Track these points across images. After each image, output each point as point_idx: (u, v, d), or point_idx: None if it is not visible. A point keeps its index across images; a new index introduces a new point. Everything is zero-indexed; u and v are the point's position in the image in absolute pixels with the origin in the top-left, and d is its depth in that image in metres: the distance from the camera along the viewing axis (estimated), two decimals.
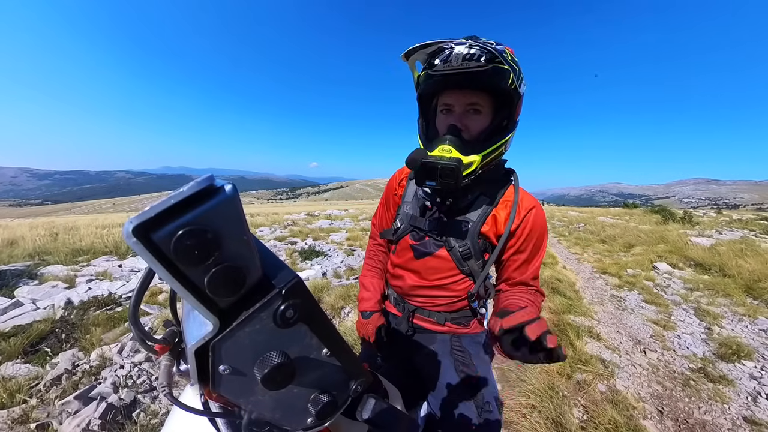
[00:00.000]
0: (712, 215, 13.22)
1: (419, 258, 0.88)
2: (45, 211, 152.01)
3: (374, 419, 0.39)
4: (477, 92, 0.73)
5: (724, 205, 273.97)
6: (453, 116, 0.76)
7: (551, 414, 1.67)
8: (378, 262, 1.05)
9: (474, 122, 0.75)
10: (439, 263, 0.85)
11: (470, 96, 0.74)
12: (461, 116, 0.75)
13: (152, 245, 0.20)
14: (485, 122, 0.76)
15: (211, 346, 0.27)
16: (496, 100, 0.75)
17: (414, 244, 0.88)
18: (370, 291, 0.97)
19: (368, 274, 1.04)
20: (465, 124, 0.75)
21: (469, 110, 0.75)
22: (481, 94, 0.74)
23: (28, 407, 1.56)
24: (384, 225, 1.03)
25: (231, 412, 0.37)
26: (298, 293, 0.29)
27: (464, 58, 0.66)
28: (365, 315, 0.93)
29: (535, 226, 0.80)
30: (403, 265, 0.92)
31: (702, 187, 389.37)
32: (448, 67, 0.68)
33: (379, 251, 1.07)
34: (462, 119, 0.75)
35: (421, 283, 0.89)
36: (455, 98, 0.75)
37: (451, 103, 0.76)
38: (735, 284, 3.75)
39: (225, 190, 0.23)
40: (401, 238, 0.91)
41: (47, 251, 4.80)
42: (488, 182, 0.82)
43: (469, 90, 0.73)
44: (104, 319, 2.53)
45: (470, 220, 0.81)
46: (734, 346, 2.41)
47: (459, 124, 0.75)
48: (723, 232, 7.27)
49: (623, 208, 18.97)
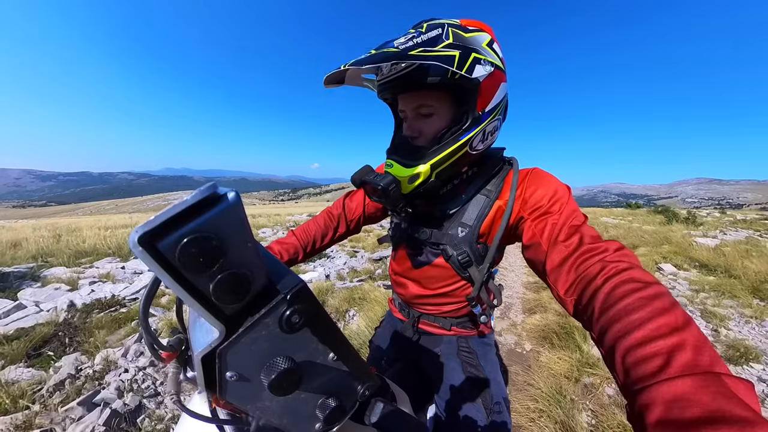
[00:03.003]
0: (716, 215, 13.15)
1: (417, 267, 0.84)
2: (48, 212, 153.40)
3: (382, 423, 0.39)
4: (422, 92, 0.66)
5: (728, 205, 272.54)
6: (406, 123, 0.71)
7: (560, 418, 1.66)
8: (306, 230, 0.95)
9: (426, 126, 0.68)
10: (439, 272, 0.81)
11: (416, 98, 0.67)
12: (411, 122, 0.70)
13: (158, 254, 0.20)
14: (440, 123, 0.67)
15: (217, 352, 0.27)
16: (452, 95, 0.66)
17: (411, 254, 0.85)
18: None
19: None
20: (418, 130, 0.69)
21: (418, 114, 0.69)
22: (428, 93, 0.65)
23: (31, 413, 1.56)
24: (368, 201, 0.95)
25: (239, 419, 0.37)
26: (303, 298, 0.29)
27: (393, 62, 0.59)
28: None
29: (543, 181, 0.67)
30: (404, 274, 0.90)
31: (705, 186, 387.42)
32: (382, 77, 0.64)
33: (320, 220, 0.97)
34: (413, 125, 0.70)
35: (423, 292, 0.86)
36: (405, 103, 0.69)
37: (403, 108, 0.71)
38: (741, 285, 3.71)
39: (228, 198, 0.23)
40: (398, 246, 0.89)
41: (50, 253, 4.83)
42: (484, 178, 0.75)
43: (413, 92, 0.67)
44: (107, 321, 2.55)
45: (466, 224, 0.74)
46: (742, 348, 2.38)
47: (411, 131, 0.70)
48: (727, 233, 7.23)
49: (626, 208, 18.90)
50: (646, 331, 0.35)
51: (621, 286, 0.41)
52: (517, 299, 3.55)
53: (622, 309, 0.39)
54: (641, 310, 0.37)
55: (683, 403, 0.28)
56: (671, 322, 0.34)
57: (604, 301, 0.41)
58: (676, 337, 0.33)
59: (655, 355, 0.33)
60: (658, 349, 0.33)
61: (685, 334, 0.33)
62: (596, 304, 0.42)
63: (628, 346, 0.35)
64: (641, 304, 0.38)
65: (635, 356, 0.34)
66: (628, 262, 0.45)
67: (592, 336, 0.43)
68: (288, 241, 0.92)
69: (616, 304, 0.40)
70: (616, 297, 0.40)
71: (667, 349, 0.32)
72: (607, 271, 0.44)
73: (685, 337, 0.33)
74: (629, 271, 0.43)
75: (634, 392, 0.32)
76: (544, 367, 2.16)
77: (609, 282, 0.43)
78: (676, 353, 0.32)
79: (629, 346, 0.35)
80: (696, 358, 0.31)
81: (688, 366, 0.30)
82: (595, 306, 0.43)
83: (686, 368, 0.30)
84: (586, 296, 0.45)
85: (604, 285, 0.43)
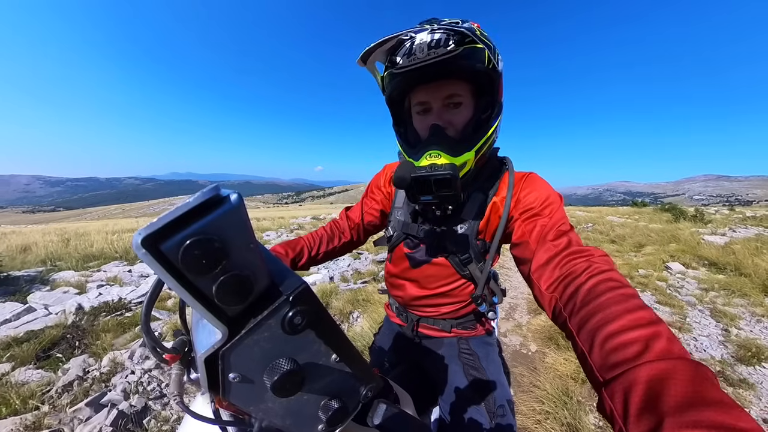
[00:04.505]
0: (725, 212, 12.92)
1: (416, 267, 0.83)
2: (57, 217, 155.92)
3: (385, 424, 0.39)
4: (452, 82, 0.65)
5: (737, 202, 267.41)
6: (432, 115, 0.68)
7: (566, 420, 1.63)
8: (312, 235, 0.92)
9: (457, 116, 0.67)
10: (438, 270, 0.80)
11: (446, 88, 0.66)
12: (441, 113, 0.68)
13: (161, 256, 0.20)
14: (468, 113, 0.68)
15: (220, 354, 0.27)
16: (475, 86, 0.68)
17: (409, 253, 0.84)
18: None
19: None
20: (448, 121, 0.67)
21: (448, 104, 0.67)
22: (458, 83, 0.66)
23: (40, 414, 1.58)
24: (366, 210, 0.94)
25: (242, 421, 0.37)
26: (306, 299, 0.29)
27: (430, 46, 0.58)
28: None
29: (537, 186, 0.69)
30: (401, 275, 0.88)
31: (713, 183, 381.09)
32: (413, 61, 0.60)
33: (327, 227, 0.95)
34: (443, 116, 0.67)
35: (422, 293, 0.85)
36: (430, 94, 0.67)
37: (426, 100, 0.68)
38: (752, 283, 3.64)
39: (231, 199, 0.23)
40: (395, 247, 0.87)
41: (59, 257, 4.91)
42: (481, 177, 0.75)
43: (443, 81, 0.65)
44: (114, 324, 2.58)
45: (465, 221, 0.74)
46: (754, 348, 2.33)
47: (441, 122, 0.67)
48: (737, 230, 7.10)
49: (632, 206, 18.67)
50: (625, 321, 0.37)
51: (603, 284, 0.44)
52: (522, 300, 3.53)
53: (603, 302, 0.41)
54: (621, 303, 0.40)
55: (665, 384, 0.29)
56: (647, 317, 0.37)
57: (587, 294, 0.44)
58: (652, 329, 0.35)
59: (634, 342, 0.35)
60: (637, 336, 0.35)
61: (660, 327, 0.36)
62: (578, 298, 0.45)
63: (609, 333, 0.37)
64: (621, 299, 0.41)
65: (615, 342, 0.36)
66: (609, 266, 0.49)
67: (569, 329, 0.44)
68: (294, 241, 0.91)
69: (598, 297, 0.42)
70: (599, 292, 0.43)
71: (645, 338, 0.35)
72: (591, 270, 0.47)
73: (660, 329, 0.35)
74: (610, 273, 0.46)
75: (614, 376, 0.34)
76: (549, 368, 2.14)
77: (592, 279, 0.46)
78: (653, 342, 0.34)
79: (610, 333, 0.37)
80: (670, 347, 0.33)
81: (664, 353, 0.33)
82: (577, 299, 0.45)
83: (663, 354, 0.32)
84: (569, 291, 0.47)
85: (587, 281, 0.46)
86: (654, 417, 0.28)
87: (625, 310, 0.39)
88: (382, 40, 0.62)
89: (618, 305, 0.40)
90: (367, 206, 0.94)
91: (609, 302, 0.41)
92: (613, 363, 0.35)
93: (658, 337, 0.34)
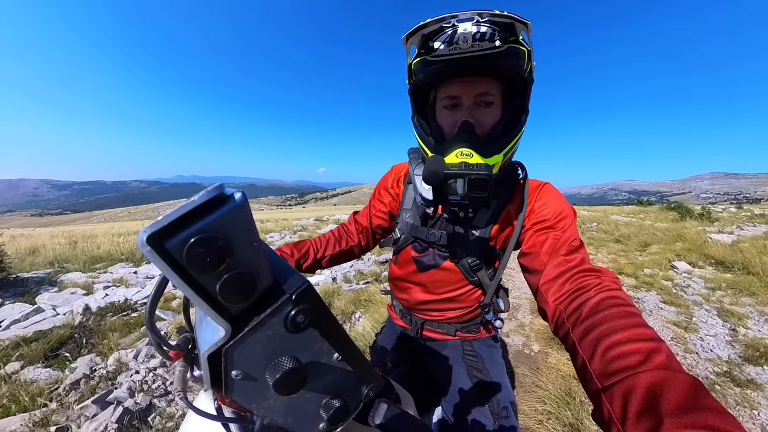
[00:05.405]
0: (732, 210, 12.72)
1: (423, 271, 0.81)
2: (65, 220, 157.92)
3: (386, 424, 0.39)
4: (487, 80, 0.62)
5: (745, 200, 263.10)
6: (462, 111, 0.64)
7: (569, 420, 1.62)
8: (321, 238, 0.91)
9: (487, 116, 0.64)
10: (446, 276, 0.78)
11: (480, 85, 0.62)
12: (472, 110, 0.63)
13: (166, 253, 0.21)
14: (498, 115, 0.65)
15: (223, 351, 0.27)
16: (508, 88, 0.65)
17: (417, 257, 0.81)
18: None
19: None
20: (477, 119, 0.63)
21: (479, 102, 0.63)
22: (492, 82, 0.62)
23: (48, 411, 1.61)
24: (373, 213, 0.92)
25: (244, 418, 0.38)
26: (309, 298, 0.29)
27: (474, 38, 0.54)
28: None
29: (552, 198, 0.68)
30: (407, 278, 0.86)
31: (720, 181, 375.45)
32: (454, 51, 0.56)
33: (336, 231, 0.94)
34: (473, 114, 0.63)
35: (428, 297, 0.83)
36: (463, 88, 0.63)
37: (458, 94, 0.63)
38: (760, 282, 3.58)
39: (235, 198, 0.23)
40: (402, 250, 0.85)
41: (67, 259, 4.98)
42: (497, 182, 0.73)
43: (478, 77, 0.62)
44: (120, 324, 2.60)
45: (478, 226, 0.72)
46: (762, 348, 2.29)
47: (471, 119, 0.63)
48: (745, 228, 6.98)
49: (637, 205, 18.46)
50: (629, 333, 0.40)
51: (609, 300, 0.47)
52: (524, 300, 3.50)
53: (608, 314, 0.44)
54: (626, 318, 0.42)
55: (664, 390, 0.31)
56: (649, 333, 0.40)
57: (594, 307, 0.46)
58: (654, 344, 0.38)
59: (636, 352, 0.37)
60: (639, 348, 0.37)
61: (661, 344, 0.38)
62: (584, 310, 0.47)
63: (612, 343, 0.40)
64: (626, 315, 0.43)
65: (617, 351, 0.38)
66: (617, 286, 0.51)
67: (570, 339, 0.46)
68: (300, 242, 0.89)
69: (604, 311, 0.45)
70: (605, 306, 0.46)
71: (646, 350, 0.37)
72: (600, 287, 0.49)
73: (661, 345, 0.38)
74: (617, 291, 0.49)
75: (614, 382, 0.36)
76: (552, 368, 2.12)
77: (600, 294, 0.48)
78: (654, 355, 0.36)
79: (613, 343, 0.40)
80: (670, 362, 0.35)
81: (664, 364, 0.35)
82: (582, 311, 0.47)
83: (663, 366, 0.35)
84: (575, 304, 0.49)
85: (595, 296, 0.48)
86: (653, 419, 0.30)
87: (629, 324, 0.41)
88: (424, 23, 0.58)
89: (623, 320, 0.42)
90: (375, 209, 0.93)
91: (614, 316, 0.43)
92: (613, 370, 0.37)
93: (658, 351, 0.37)
